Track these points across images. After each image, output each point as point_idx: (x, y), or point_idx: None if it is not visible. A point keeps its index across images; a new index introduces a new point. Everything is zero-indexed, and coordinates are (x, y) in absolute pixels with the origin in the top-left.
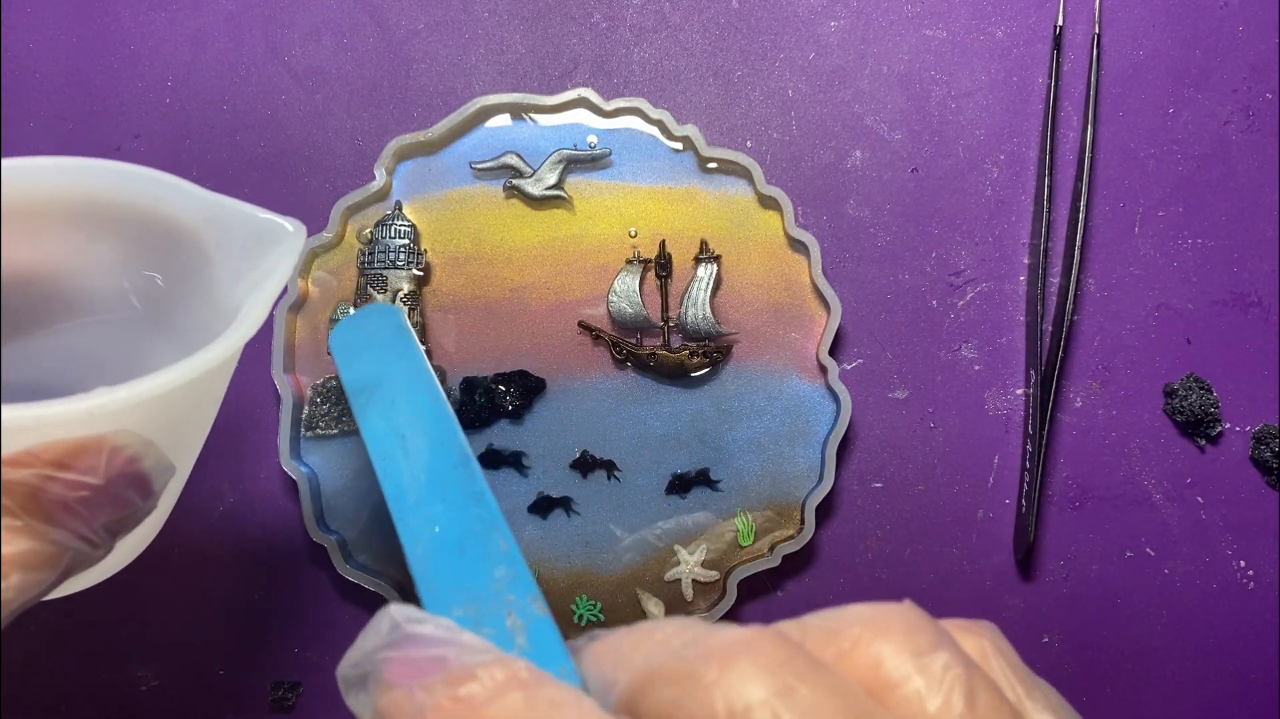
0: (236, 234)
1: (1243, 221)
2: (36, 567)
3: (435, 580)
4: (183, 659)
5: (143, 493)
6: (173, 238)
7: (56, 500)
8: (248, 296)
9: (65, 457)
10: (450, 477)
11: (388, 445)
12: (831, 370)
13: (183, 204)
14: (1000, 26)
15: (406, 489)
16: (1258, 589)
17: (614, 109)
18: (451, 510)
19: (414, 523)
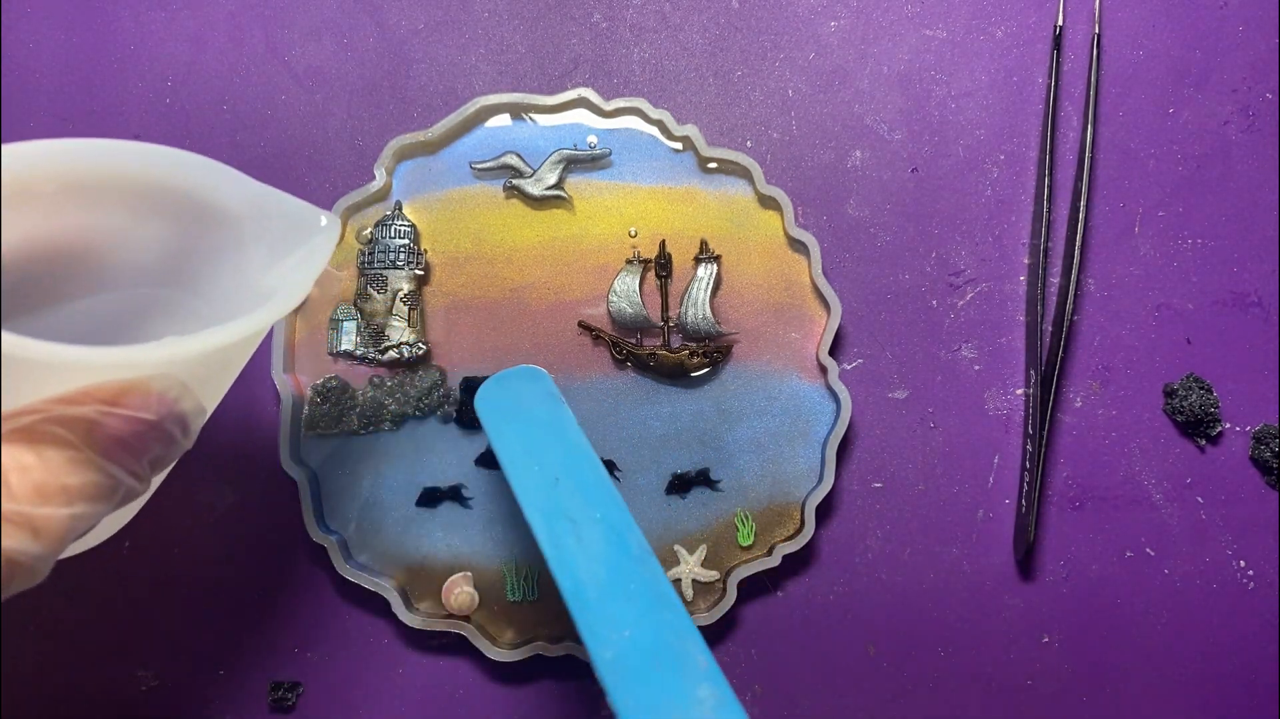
0: (276, 223)
1: (1243, 221)
2: (96, 498)
3: (633, 695)
4: (183, 659)
5: (183, 431)
6: (216, 220)
7: (113, 435)
8: (283, 279)
9: (117, 395)
10: (631, 573)
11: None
12: (831, 370)
13: (229, 190)
14: (1000, 26)
15: (585, 583)
16: (1258, 589)
17: (614, 109)
18: (639, 613)
19: (598, 624)
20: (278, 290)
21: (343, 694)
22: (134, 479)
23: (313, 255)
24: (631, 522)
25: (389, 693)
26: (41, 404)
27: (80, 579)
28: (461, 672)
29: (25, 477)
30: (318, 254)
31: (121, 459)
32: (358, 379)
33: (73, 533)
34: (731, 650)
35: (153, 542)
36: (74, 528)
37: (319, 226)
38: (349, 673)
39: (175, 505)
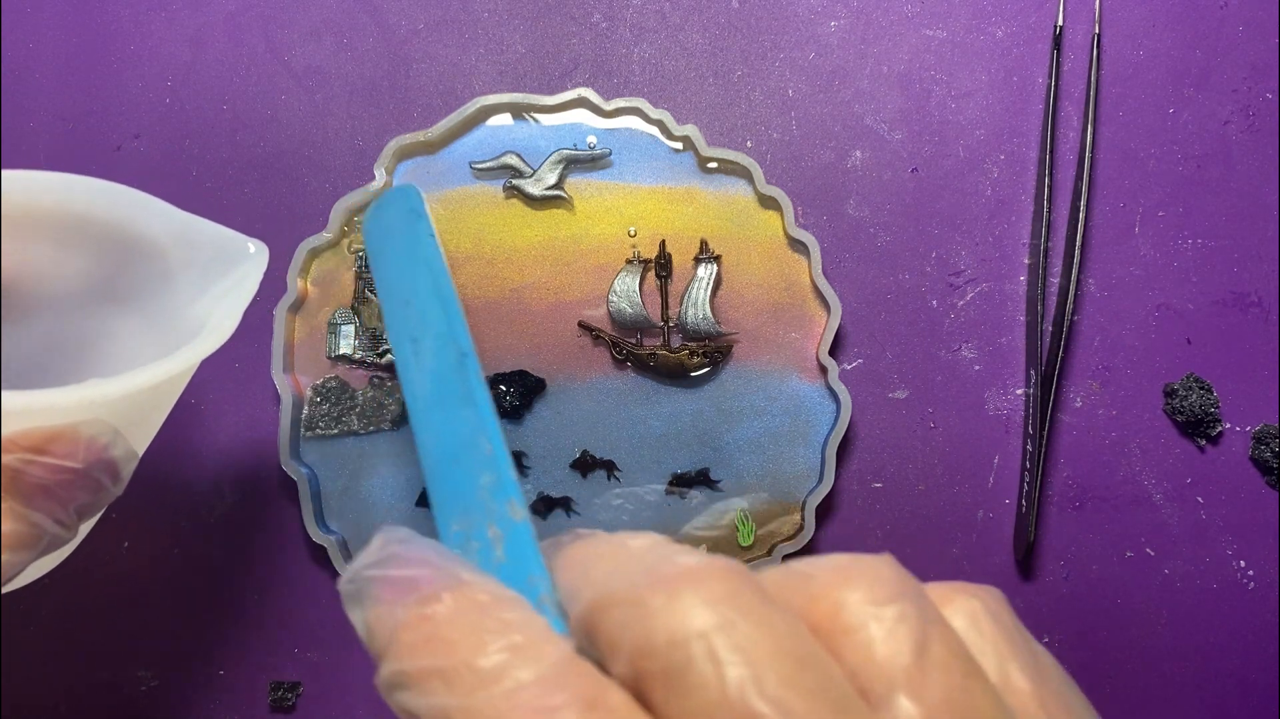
0: (203, 252)
1: (1243, 221)
2: (18, 547)
3: (438, 494)
4: (183, 659)
5: (113, 478)
6: (140, 251)
7: (36, 484)
8: (213, 309)
9: (43, 442)
10: (449, 379)
11: (404, 351)
12: (831, 370)
13: (153, 221)
14: (1000, 26)
15: (418, 397)
16: (1258, 589)
17: (614, 109)
18: (448, 416)
19: (423, 434)
20: (207, 320)
21: (343, 694)
22: (60, 527)
23: (241, 284)
24: (460, 327)
25: None
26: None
27: (80, 579)
28: None
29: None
30: (246, 282)
31: (47, 508)
32: (357, 379)
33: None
34: None
35: (153, 542)
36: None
37: (247, 254)
38: (349, 673)
39: (175, 505)
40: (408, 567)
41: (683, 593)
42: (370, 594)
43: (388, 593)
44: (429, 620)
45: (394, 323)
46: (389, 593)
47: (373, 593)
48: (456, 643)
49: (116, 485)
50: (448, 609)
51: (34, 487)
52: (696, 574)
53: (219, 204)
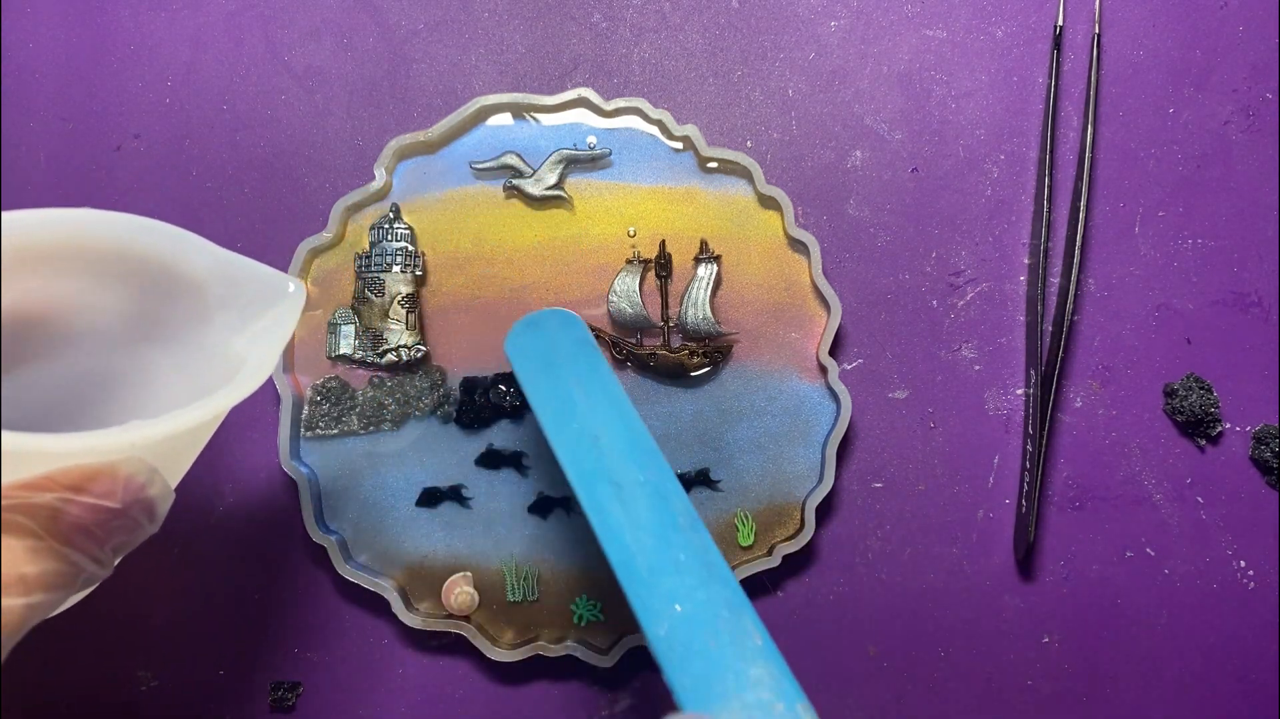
0: (243, 289)
1: (1243, 221)
2: (56, 586)
3: (688, 673)
4: (183, 659)
5: (149, 517)
6: (180, 287)
7: (76, 522)
8: (251, 348)
9: (82, 480)
10: (680, 543)
11: (601, 496)
12: (831, 370)
13: (193, 258)
14: (1000, 26)
15: (634, 554)
16: (1258, 589)
17: (614, 109)
18: (691, 586)
19: (650, 598)
20: (245, 358)
21: (343, 694)
22: (96, 565)
23: (280, 322)
24: (678, 486)
25: (389, 693)
26: (4, 490)
27: None
28: (461, 672)
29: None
30: (284, 321)
31: (84, 546)
32: (358, 379)
33: (29, 623)
34: None
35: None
36: (30, 618)
37: (286, 293)
38: (349, 673)
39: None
40: None
41: None
42: None
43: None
44: None
45: (579, 460)
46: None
47: None
48: None
49: (153, 524)
50: None
51: (73, 526)
52: None
53: (219, 204)
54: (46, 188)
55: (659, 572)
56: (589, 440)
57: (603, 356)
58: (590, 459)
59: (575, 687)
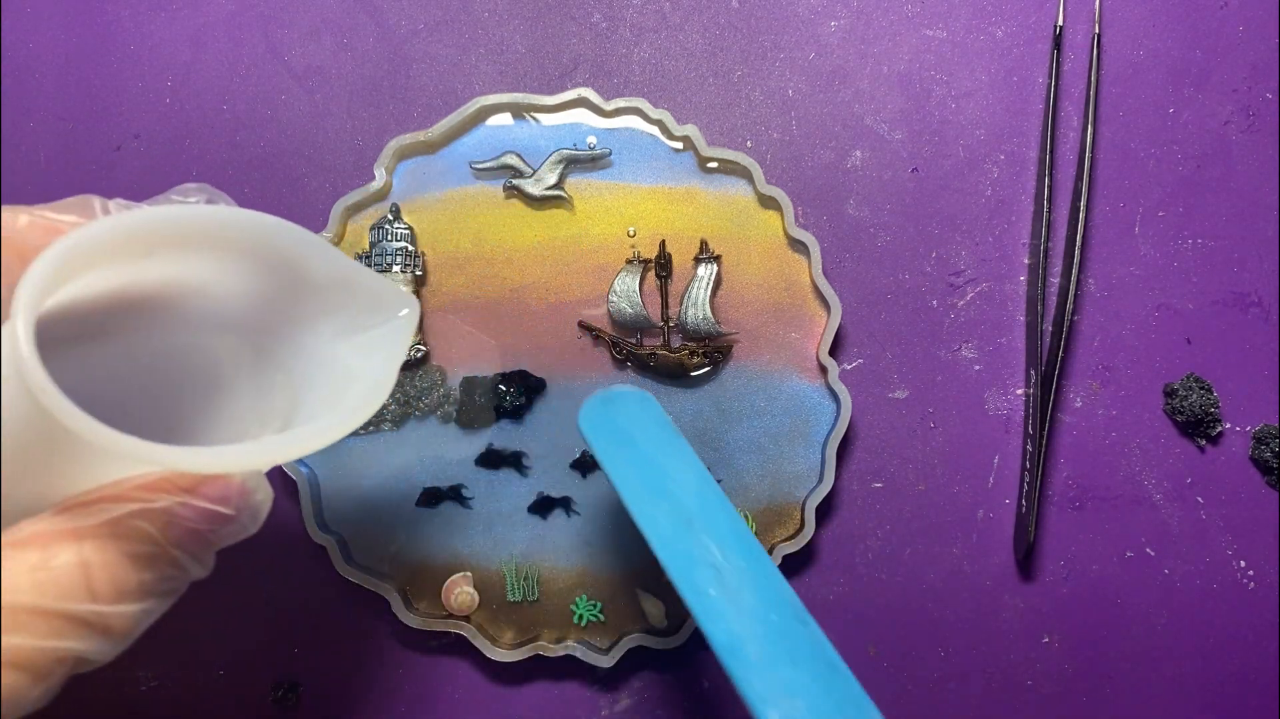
0: (357, 297)
1: (1243, 221)
2: (167, 592)
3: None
4: (183, 659)
5: (254, 521)
6: (301, 286)
7: (189, 527)
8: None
9: (196, 484)
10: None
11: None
12: (831, 370)
13: (320, 262)
14: (1000, 26)
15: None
16: (1258, 589)
17: (614, 109)
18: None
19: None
20: (354, 371)
21: (343, 694)
22: (200, 568)
23: (392, 340)
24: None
25: (389, 693)
26: (124, 491)
27: None
28: (461, 672)
29: (107, 574)
30: (398, 339)
31: (195, 550)
32: None
33: (140, 628)
34: None
35: None
36: (142, 623)
37: (399, 312)
38: (349, 673)
39: None
40: None
41: None
42: None
43: None
44: None
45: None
46: None
47: None
48: None
49: (255, 527)
50: None
51: (186, 530)
52: None
53: None
54: (46, 188)
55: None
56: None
57: (680, 435)
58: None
59: (575, 687)
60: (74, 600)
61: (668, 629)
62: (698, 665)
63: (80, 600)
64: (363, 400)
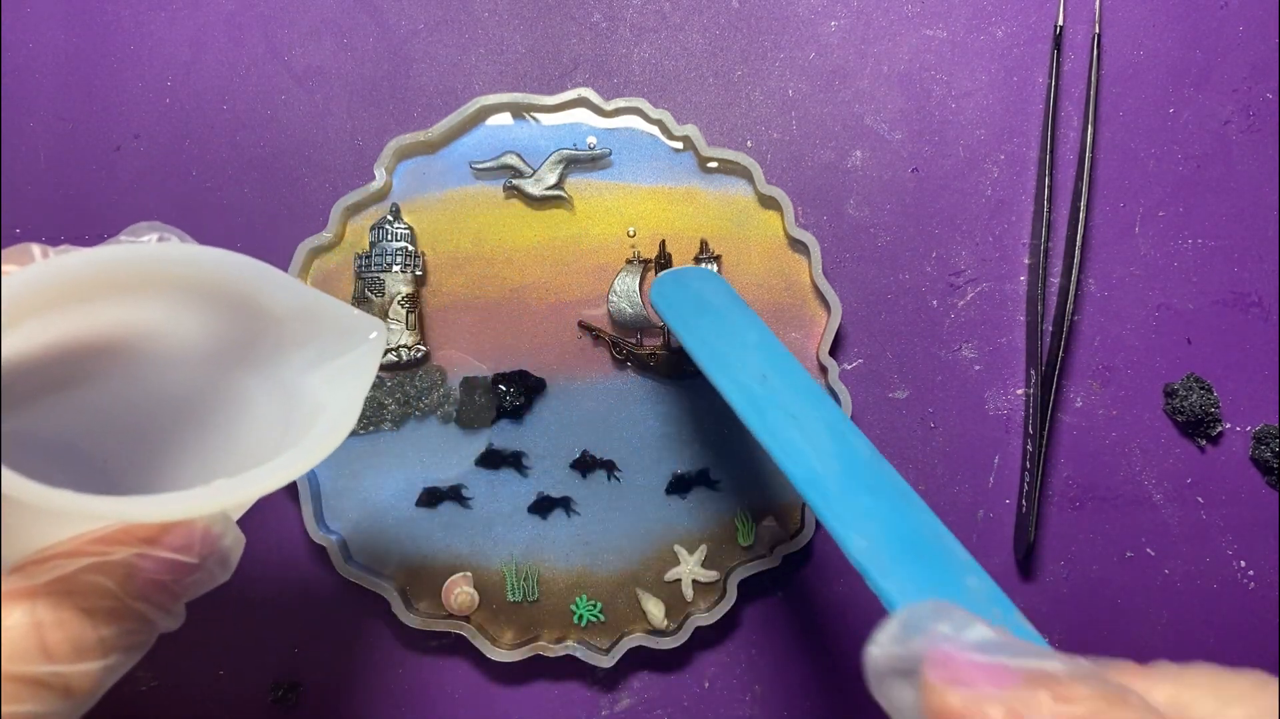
0: (322, 328)
1: (1243, 221)
2: (130, 647)
3: (900, 581)
4: (183, 659)
5: (223, 568)
6: (260, 321)
7: (151, 579)
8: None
9: (157, 534)
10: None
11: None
12: (831, 370)
13: (274, 293)
14: (1000, 26)
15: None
16: (1258, 589)
17: (614, 109)
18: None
19: (845, 513)
20: (322, 401)
21: (343, 694)
22: (168, 619)
23: (359, 366)
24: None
25: (389, 693)
26: (78, 547)
27: None
28: (461, 672)
29: (63, 632)
30: (365, 366)
31: (159, 601)
32: None
33: (104, 685)
34: (731, 650)
35: None
36: (106, 680)
37: (366, 338)
38: (349, 673)
39: None
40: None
41: None
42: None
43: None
44: None
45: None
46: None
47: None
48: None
49: (224, 574)
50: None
51: (149, 582)
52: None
53: (219, 204)
54: (46, 188)
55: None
56: (757, 378)
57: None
58: (762, 394)
59: (575, 687)
60: (29, 662)
61: (668, 629)
62: (698, 665)
63: (35, 662)
64: (324, 434)
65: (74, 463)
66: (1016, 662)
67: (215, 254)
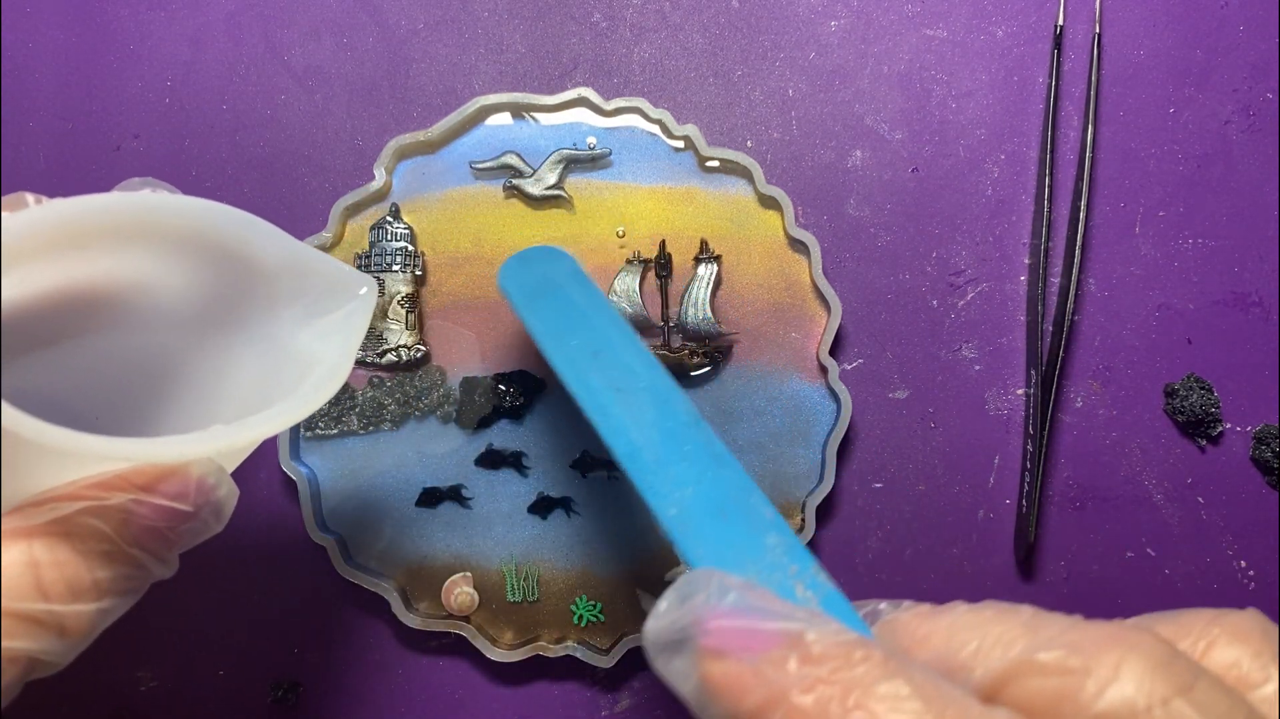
0: (312, 283)
1: (1243, 221)
2: (125, 591)
3: (702, 545)
4: (183, 659)
5: (217, 518)
6: (249, 275)
7: (146, 525)
8: (320, 346)
9: (153, 481)
10: (685, 435)
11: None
12: (831, 370)
13: (265, 245)
14: (1000, 26)
15: (640, 447)
16: (1258, 589)
17: (614, 109)
18: (698, 471)
19: (659, 483)
20: (315, 355)
21: (343, 694)
22: (163, 567)
23: (350, 323)
24: (676, 388)
25: (389, 693)
26: (76, 490)
27: None
28: (461, 672)
29: (59, 572)
30: (356, 322)
31: (154, 548)
32: (357, 379)
33: (98, 628)
34: None
35: None
36: (100, 623)
37: (357, 294)
38: (349, 673)
39: None
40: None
41: (1128, 661)
42: (709, 645)
43: (739, 643)
44: (838, 684)
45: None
46: (741, 643)
47: (713, 644)
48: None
49: (218, 525)
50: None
51: (144, 528)
52: (1134, 642)
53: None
54: (46, 188)
55: (666, 461)
56: (588, 355)
57: (594, 283)
58: (591, 371)
59: (575, 687)
60: (24, 599)
61: None
62: None
63: (30, 599)
64: (319, 385)
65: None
66: (768, 624)
67: (204, 204)
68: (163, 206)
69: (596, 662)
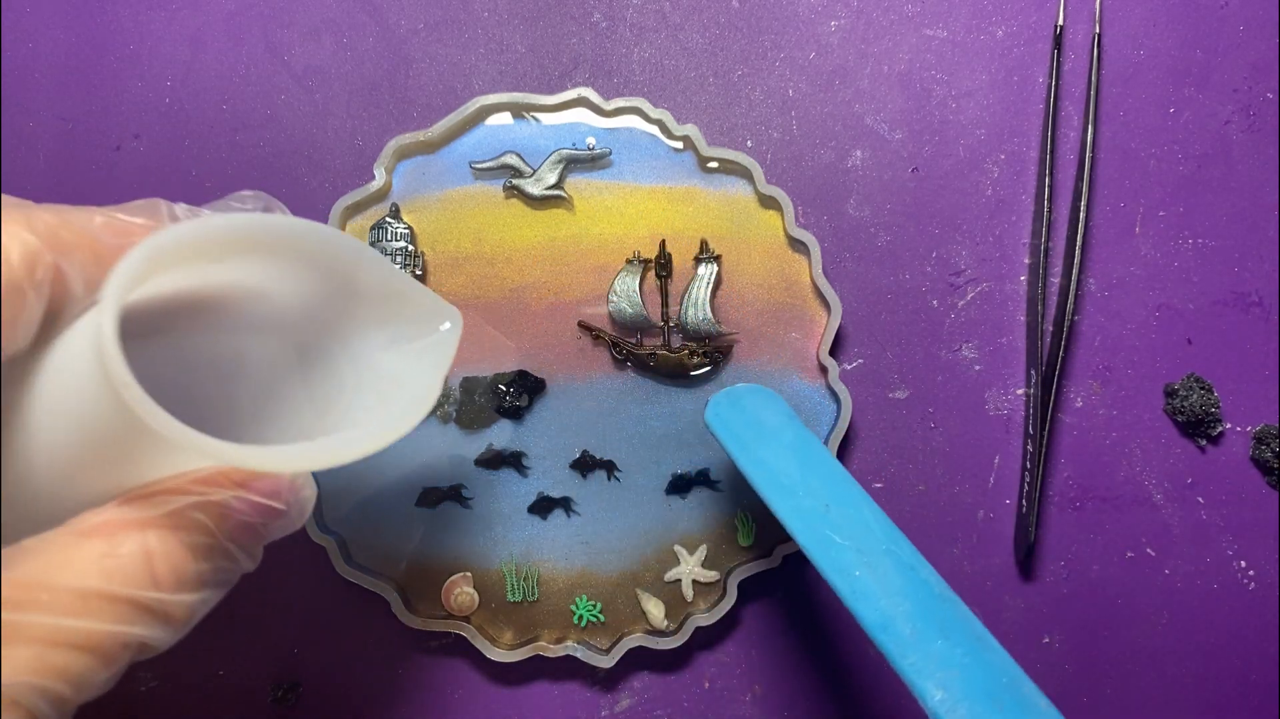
0: (406, 309)
1: (1243, 221)
2: (221, 583)
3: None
4: (183, 659)
5: (301, 517)
6: (353, 295)
7: (242, 520)
8: (403, 367)
9: (249, 479)
10: (942, 611)
11: (845, 563)
12: (831, 370)
13: (373, 272)
14: (1000, 26)
15: (894, 619)
16: (1258, 589)
17: (614, 109)
18: (964, 654)
19: (920, 661)
20: (399, 377)
21: (343, 694)
22: (250, 561)
23: (438, 352)
24: (920, 555)
25: (389, 693)
26: (182, 484)
27: None
28: (461, 672)
29: (168, 563)
30: (443, 350)
31: (246, 542)
32: None
33: (196, 618)
34: (731, 650)
35: None
36: (198, 613)
37: (443, 326)
38: (349, 673)
39: None
40: None
41: None
42: None
43: None
44: None
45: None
46: None
47: None
48: None
49: (300, 521)
50: None
51: (239, 524)
52: None
53: None
54: (46, 188)
55: (926, 636)
56: (819, 509)
57: (808, 429)
58: (824, 526)
59: (575, 687)
60: (138, 587)
61: (668, 629)
62: (698, 666)
63: (144, 587)
64: (409, 407)
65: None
66: None
67: (326, 230)
68: (295, 231)
69: (596, 662)
